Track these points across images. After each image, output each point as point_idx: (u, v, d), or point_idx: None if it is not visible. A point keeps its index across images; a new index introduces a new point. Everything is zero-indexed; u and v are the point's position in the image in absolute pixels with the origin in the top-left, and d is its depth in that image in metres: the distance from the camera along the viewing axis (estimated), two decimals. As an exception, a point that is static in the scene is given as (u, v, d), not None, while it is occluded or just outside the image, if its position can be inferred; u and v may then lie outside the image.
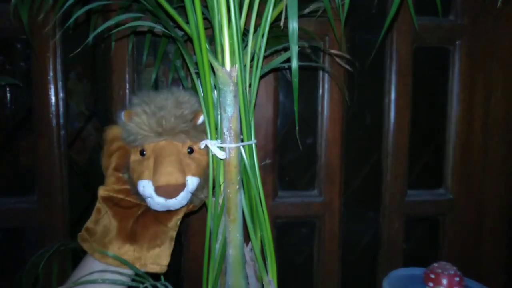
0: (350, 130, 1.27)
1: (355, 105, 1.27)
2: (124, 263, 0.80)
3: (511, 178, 1.30)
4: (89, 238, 0.84)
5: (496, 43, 1.25)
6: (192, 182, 0.81)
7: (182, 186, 0.79)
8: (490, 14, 1.22)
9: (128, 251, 0.82)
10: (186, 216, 0.93)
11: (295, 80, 0.72)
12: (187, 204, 0.87)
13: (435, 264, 1.02)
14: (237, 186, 0.79)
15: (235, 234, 0.81)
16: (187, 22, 0.74)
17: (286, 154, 1.26)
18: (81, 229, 0.86)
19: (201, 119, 0.84)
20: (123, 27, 0.76)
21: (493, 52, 1.25)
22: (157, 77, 1.29)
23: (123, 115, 0.83)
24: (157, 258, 0.84)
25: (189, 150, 0.83)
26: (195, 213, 0.98)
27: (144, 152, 0.82)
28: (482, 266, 1.33)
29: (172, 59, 1.01)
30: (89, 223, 0.86)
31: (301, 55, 1.07)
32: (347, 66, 1.03)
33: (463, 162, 1.28)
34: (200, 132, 0.84)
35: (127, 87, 1.15)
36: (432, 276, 0.99)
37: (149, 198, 0.79)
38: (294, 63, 0.71)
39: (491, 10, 1.21)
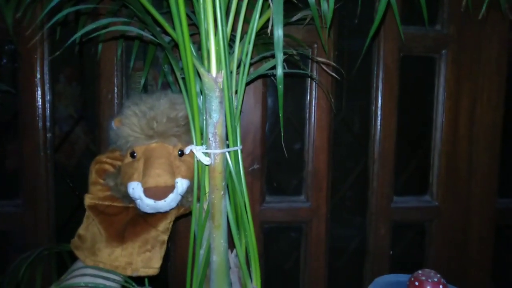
0: (338, 136, 1.28)
1: (342, 112, 1.28)
2: (110, 271, 0.80)
3: (497, 185, 1.32)
4: (81, 244, 0.84)
5: (481, 52, 1.27)
6: (181, 184, 0.81)
7: (171, 188, 0.80)
8: (475, 24, 1.24)
9: (118, 257, 0.82)
10: (177, 219, 0.93)
11: (280, 87, 0.73)
12: (177, 207, 0.87)
13: (419, 272, 1.02)
14: (222, 192, 0.79)
15: (219, 241, 0.81)
16: (174, 28, 0.75)
17: (274, 159, 1.27)
18: (67, 233, 0.86)
19: None
20: (107, 30, 0.76)
21: (478, 60, 1.27)
22: (147, 82, 1.29)
23: (113, 123, 0.84)
24: (149, 261, 0.85)
25: (179, 152, 0.84)
26: (186, 216, 0.98)
27: (135, 154, 0.82)
28: (468, 272, 1.34)
29: (161, 65, 1.01)
30: (80, 230, 0.86)
31: (290, 62, 1.08)
32: (333, 74, 1.04)
33: (449, 169, 1.29)
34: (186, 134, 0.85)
35: (115, 91, 1.15)
36: (416, 283, 0.99)
37: (139, 200, 0.80)
38: (279, 70, 0.72)
39: (476, 20, 1.23)
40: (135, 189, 0.79)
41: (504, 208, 1.34)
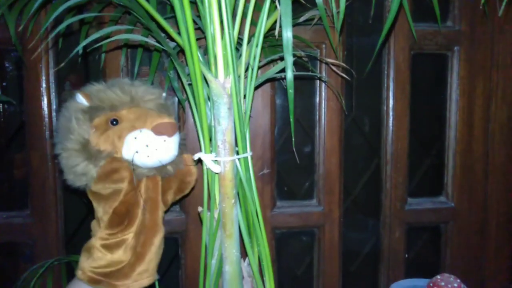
0: (349, 138, 1.25)
1: (353, 113, 1.25)
2: None
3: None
4: None
5: (495, 48, 1.23)
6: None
7: (175, 125, 0.80)
8: (488, 20, 1.20)
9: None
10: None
11: (290, 91, 0.70)
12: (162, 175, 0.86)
13: (438, 277, 0.99)
14: (233, 201, 0.77)
15: (231, 250, 0.78)
16: (179, 33, 0.72)
17: (284, 163, 1.24)
18: (76, 243, 0.86)
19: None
20: (109, 40, 0.74)
21: (491, 56, 1.23)
22: (153, 87, 1.26)
23: (80, 97, 0.80)
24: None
25: None
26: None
27: (116, 120, 0.80)
28: (486, 274, 1.30)
29: (167, 70, 0.99)
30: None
31: (297, 63, 1.05)
32: (343, 75, 1.01)
33: (464, 169, 1.25)
34: (166, 109, 0.85)
35: (121, 98, 1.13)
36: (435, 288, 0.96)
37: (146, 148, 0.77)
38: (289, 74, 0.69)
39: (489, 15, 1.19)
40: (140, 135, 0.77)
41: (523, 208, 1.30)
